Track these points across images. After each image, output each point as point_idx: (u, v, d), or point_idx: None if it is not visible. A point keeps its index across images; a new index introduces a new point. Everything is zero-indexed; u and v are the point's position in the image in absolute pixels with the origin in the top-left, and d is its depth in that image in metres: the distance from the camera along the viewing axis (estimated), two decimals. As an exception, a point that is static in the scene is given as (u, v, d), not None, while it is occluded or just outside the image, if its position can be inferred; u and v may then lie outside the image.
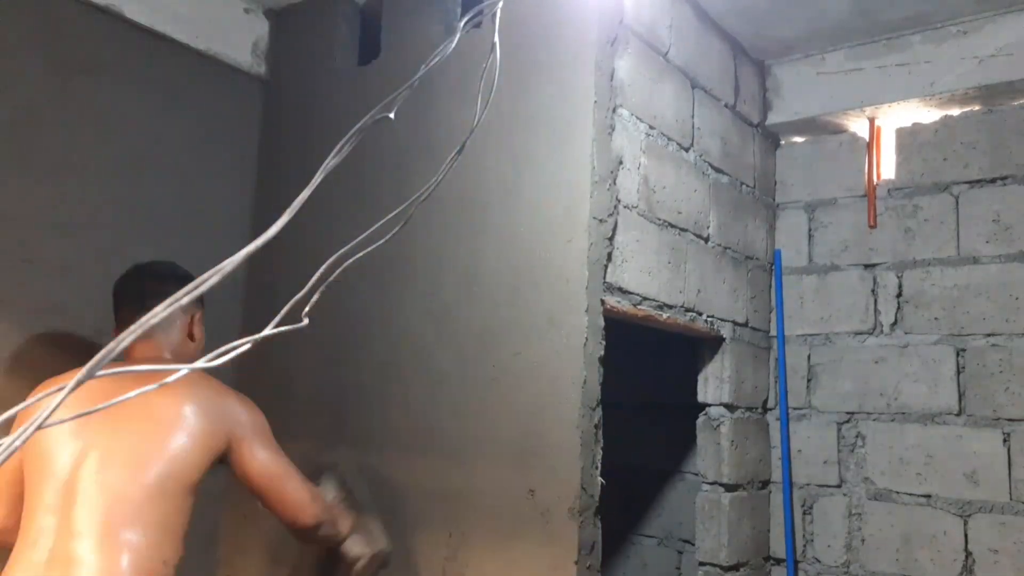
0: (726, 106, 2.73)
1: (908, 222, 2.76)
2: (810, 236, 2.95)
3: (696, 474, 2.80)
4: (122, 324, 1.82)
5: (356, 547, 2.07)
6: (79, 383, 0.52)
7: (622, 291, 2.14)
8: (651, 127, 2.30)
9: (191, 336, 1.91)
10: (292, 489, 1.82)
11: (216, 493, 2.62)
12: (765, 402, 2.89)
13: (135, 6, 2.42)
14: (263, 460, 1.79)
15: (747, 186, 2.84)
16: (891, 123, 2.85)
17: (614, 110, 2.13)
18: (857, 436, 2.76)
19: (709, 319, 2.55)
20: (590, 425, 2.00)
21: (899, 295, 2.75)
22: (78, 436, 1.60)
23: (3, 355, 2.13)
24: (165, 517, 1.58)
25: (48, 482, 1.57)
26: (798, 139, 3.05)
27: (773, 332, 2.95)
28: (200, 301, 1.90)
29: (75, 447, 1.60)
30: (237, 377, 2.68)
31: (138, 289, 1.83)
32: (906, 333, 2.72)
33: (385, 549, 2.15)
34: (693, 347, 2.70)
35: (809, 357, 2.89)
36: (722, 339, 2.63)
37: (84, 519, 1.51)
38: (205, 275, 0.58)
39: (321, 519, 1.89)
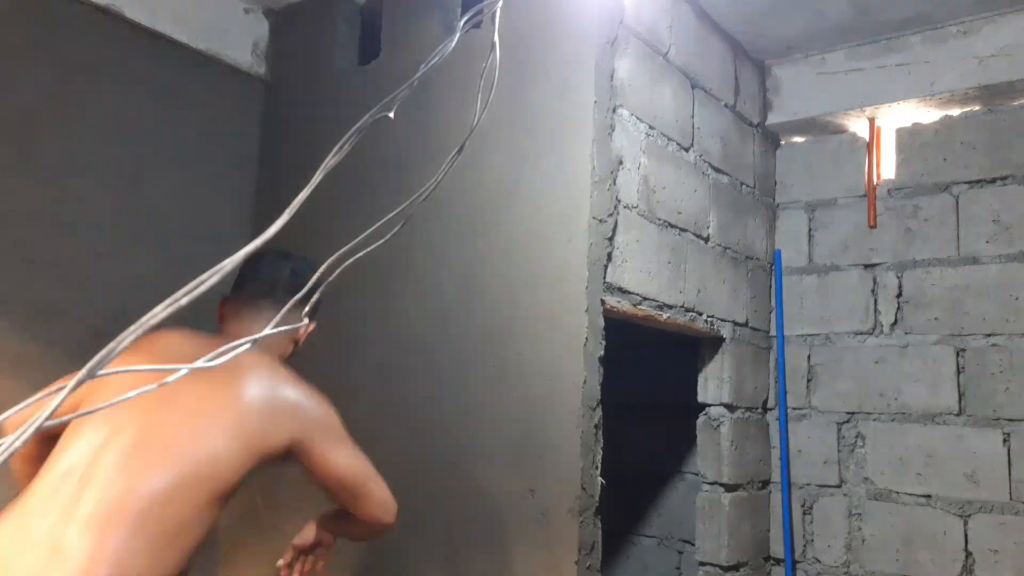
0: (726, 106, 2.73)
1: (908, 222, 2.76)
2: (810, 236, 2.95)
3: (696, 474, 2.80)
4: (239, 302, 1.74)
5: None
6: (79, 383, 0.52)
7: (622, 291, 2.14)
8: (651, 127, 2.30)
9: (296, 342, 1.80)
10: (376, 489, 1.65)
11: (216, 493, 2.62)
12: (765, 402, 2.89)
13: (135, 6, 2.42)
14: (344, 462, 1.62)
15: (747, 186, 2.84)
16: (891, 123, 2.85)
17: (614, 110, 2.13)
18: (857, 436, 2.76)
19: (709, 319, 2.55)
20: (590, 425, 2.00)
21: (899, 295, 2.75)
22: (107, 420, 1.41)
23: (3, 355, 2.13)
24: (172, 527, 1.37)
25: (65, 458, 1.39)
26: (798, 139, 3.05)
27: (773, 332, 2.94)
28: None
29: (102, 432, 1.41)
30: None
31: (275, 277, 1.73)
32: (906, 333, 2.72)
33: None
34: (693, 347, 2.70)
35: (809, 357, 2.89)
36: (722, 339, 2.63)
37: (84, 512, 1.33)
38: (205, 275, 0.58)
39: (396, 515, 1.72)
